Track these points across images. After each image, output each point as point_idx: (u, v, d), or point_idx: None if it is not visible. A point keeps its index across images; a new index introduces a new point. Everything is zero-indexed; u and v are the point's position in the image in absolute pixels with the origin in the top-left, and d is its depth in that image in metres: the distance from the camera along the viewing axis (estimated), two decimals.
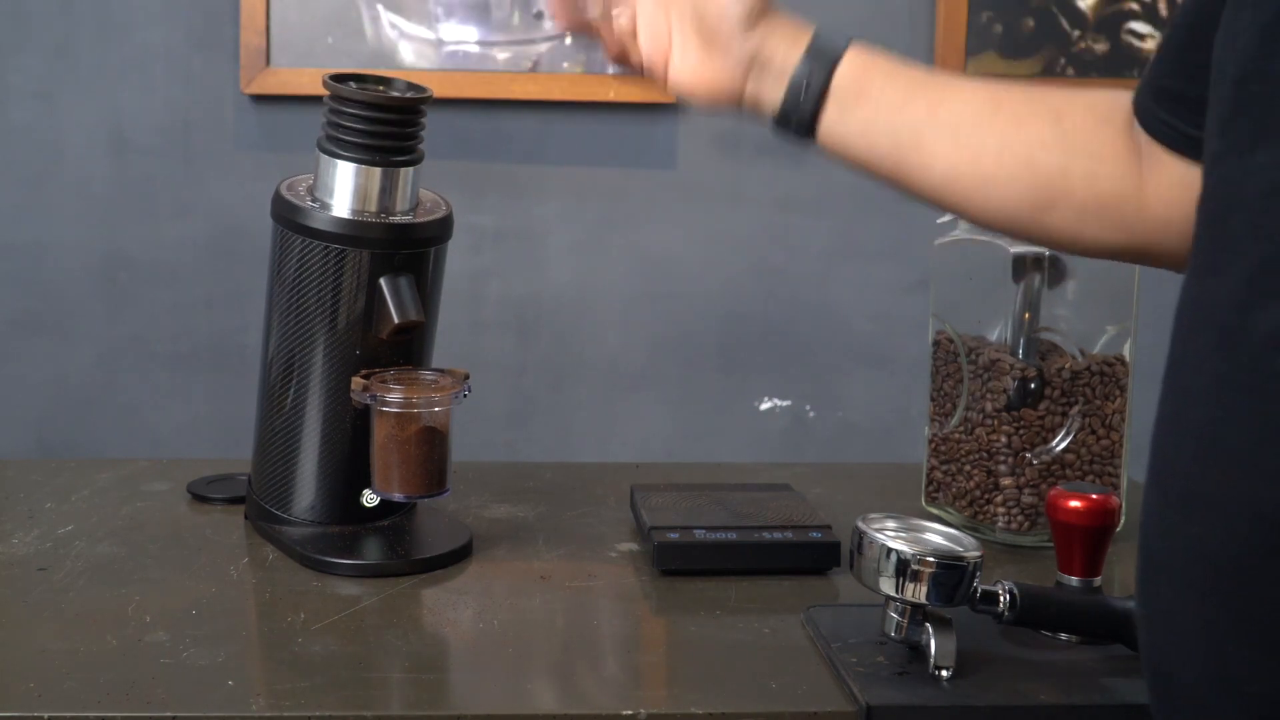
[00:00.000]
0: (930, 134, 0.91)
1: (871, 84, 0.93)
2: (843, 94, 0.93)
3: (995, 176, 0.91)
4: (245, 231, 2.20)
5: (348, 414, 1.10)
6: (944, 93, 0.93)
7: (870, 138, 0.93)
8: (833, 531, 1.10)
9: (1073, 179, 0.89)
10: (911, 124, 0.92)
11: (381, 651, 0.92)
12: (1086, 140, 0.90)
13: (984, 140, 0.91)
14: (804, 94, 0.93)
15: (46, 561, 1.08)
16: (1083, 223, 0.90)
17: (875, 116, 0.92)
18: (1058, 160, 0.90)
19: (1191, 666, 0.64)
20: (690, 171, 2.26)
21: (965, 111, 0.92)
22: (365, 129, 1.07)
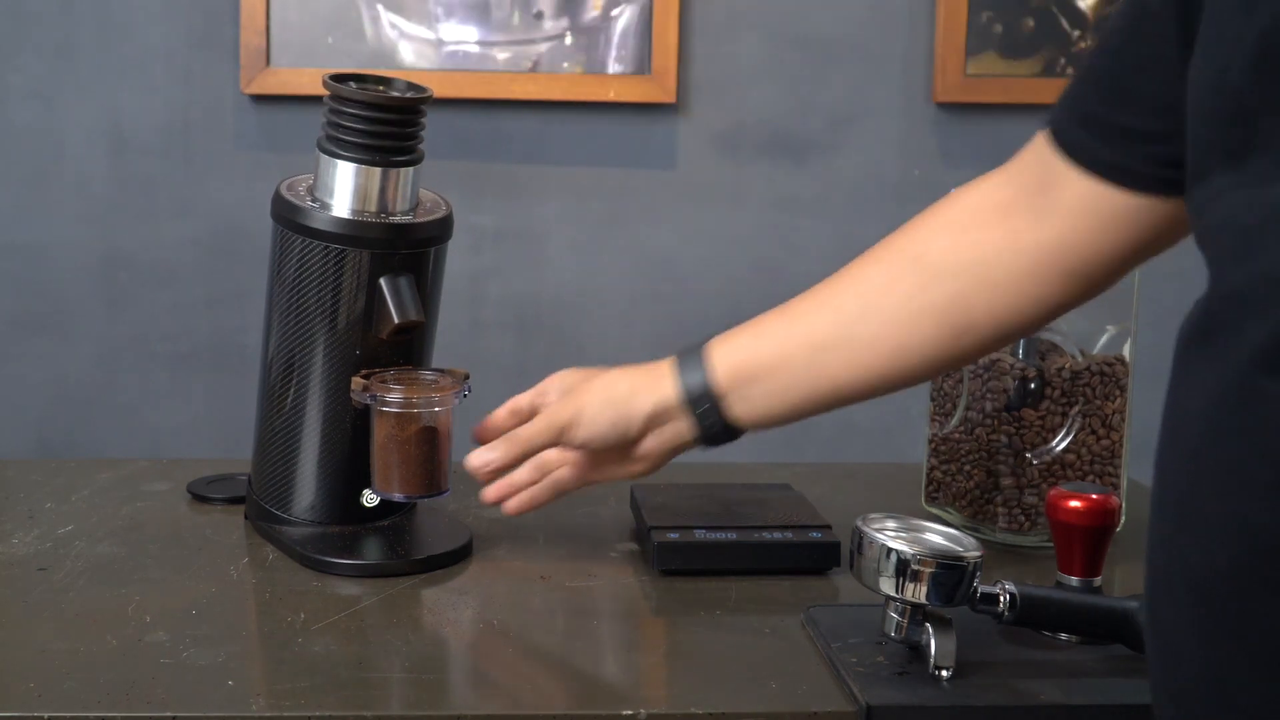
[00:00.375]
0: (825, 359, 0.97)
1: (747, 363, 0.99)
2: (733, 390, 0.99)
3: (901, 346, 0.95)
4: (245, 231, 2.20)
5: (348, 414, 1.10)
6: (812, 320, 0.98)
7: (781, 398, 0.99)
8: (833, 531, 1.10)
9: (968, 298, 0.93)
10: (805, 366, 0.97)
11: (381, 651, 0.92)
12: (957, 259, 0.93)
13: (872, 327, 0.95)
14: (708, 415, 1.00)
15: (46, 561, 1.08)
16: (1002, 319, 0.93)
17: (772, 384, 0.98)
18: (942, 293, 0.93)
19: (1192, 681, 0.64)
20: (690, 171, 2.26)
21: (835, 318, 0.97)
22: (365, 129, 1.07)
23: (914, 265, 0.94)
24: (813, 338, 0.97)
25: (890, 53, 2.25)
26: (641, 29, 2.19)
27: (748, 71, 2.25)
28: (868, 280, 0.97)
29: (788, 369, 0.98)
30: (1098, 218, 0.87)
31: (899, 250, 0.96)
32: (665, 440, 1.02)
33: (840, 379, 0.97)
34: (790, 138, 2.26)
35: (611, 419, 1.01)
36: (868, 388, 0.98)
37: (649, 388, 1.01)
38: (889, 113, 2.26)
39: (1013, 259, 0.91)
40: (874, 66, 2.25)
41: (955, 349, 0.95)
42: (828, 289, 0.99)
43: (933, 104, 2.26)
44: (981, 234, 0.93)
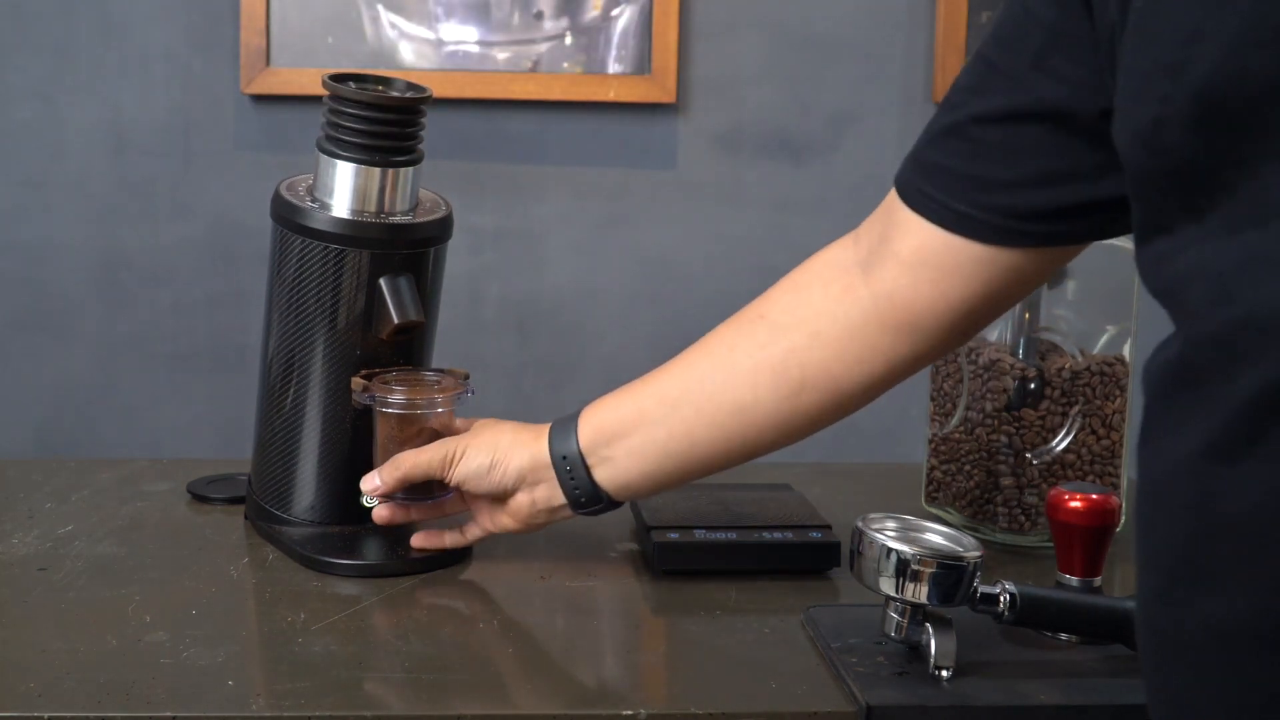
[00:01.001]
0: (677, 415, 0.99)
1: (607, 421, 1.01)
2: (595, 449, 1.01)
3: (742, 402, 0.97)
4: (245, 231, 2.20)
5: (348, 414, 1.10)
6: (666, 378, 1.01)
7: (639, 458, 1.00)
8: (833, 531, 1.10)
9: (800, 352, 0.95)
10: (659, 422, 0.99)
11: (381, 651, 0.92)
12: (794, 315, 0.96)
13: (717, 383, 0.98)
14: (570, 471, 1.01)
15: (46, 561, 1.08)
16: (836, 375, 0.95)
17: (629, 442, 1.00)
18: (778, 348, 0.96)
19: None
20: (690, 171, 2.26)
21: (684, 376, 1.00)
22: (365, 129, 1.07)
23: (758, 322, 0.97)
24: (665, 396, 1.00)
25: (890, 53, 2.25)
26: (641, 29, 2.19)
27: (748, 71, 2.25)
28: (720, 340, 1.00)
29: (644, 427, 1.00)
30: (932, 269, 0.89)
31: (748, 311, 0.99)
32: (538, 500, 1.03)
33: (693, 438, 0.99)
34: (790, 138, 2.26)
35: (486, 464, 1.02)
36: (719, 450, 0.99)
37: (526, 444, 1.03)
38: (888, 113, 2.26)
39: (844, 312, 0.93)
40: (874, 66, 2.26)
41: (795, 408, 0.96)
42: (689, 352, 1.02)
43: (933, 104, 2.26)
44: (821, 290, 0.95)
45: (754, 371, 0.96)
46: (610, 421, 1.01)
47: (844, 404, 0.97)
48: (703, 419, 0.98)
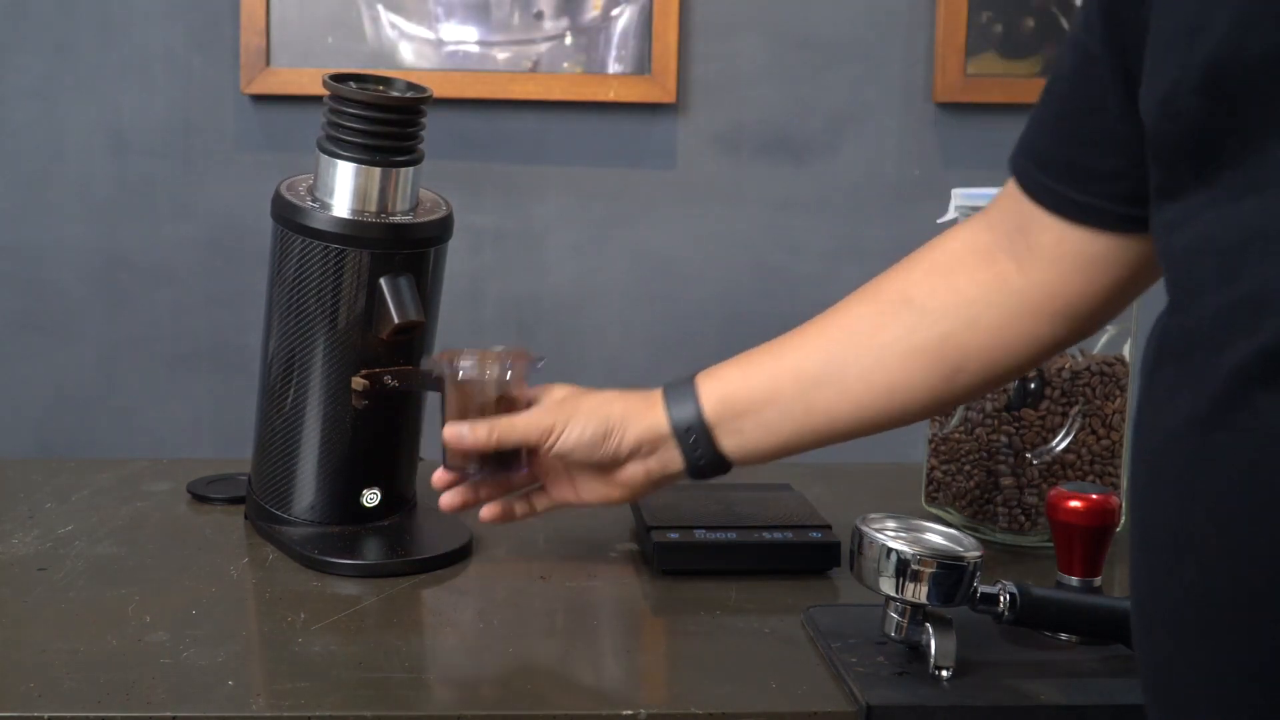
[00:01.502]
0: (816, 394, 0.98)
1: (737, 394, 1.00)
2: (725, 423, 1.00)
3: (893, 384, 0.96)
4: (245, 231, 2.20)
5: (348, 414, 1.10)
6: (801, 355, 0.99)
7: (772, 433, 0.99)
8: (833, 531, 1.10)
9: (957, 338, 0.94)
10: (796, 400, 0.98)
11: (381, 651, 0.92)
12: (945, 300, 0.94)
13: (863, 365, 0.96)
14: (694, 440, 1.00)
15: (46, 561, 1.08)
16: (992, 363, 0.94)
17: (761, 417, 0.99)
18: (932, 334, 0.94)
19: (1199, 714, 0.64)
20: (690, 171, 2.26)
21: (825, 355, 0.98)
22: (365, 129, 1.07)
23: (904, 306, 0.96)
24: (802, 373, 0.98)
25: (890, 53, 2.25)
26: (641, 29, 2.19)
27: (748, 71, 2.25)
28: (858, 319, 0.98)
29: (778, 403, 0.99)
30: (1076, 260, 0.88)
31: (887, 292, 0.98)
32: (651, 469, 1.02)
33: (833, 415, 0.98)
34: (790, 138, 2.26)
35: (600, 434, 1.01)
36: (860, 426, 0.99)
37: (640, 414, 1.01)
38: (889, 113, 2.26)
39: (1001, 301, 0.92)
40: (874, 66, 2.25)
41: (948, 390, 0.96)
42: (816, 327, 1.00)
43: (932, 104, 2.26)
44: (968, 276, 0.94)
45: (907, 356, 0.95)
46: (740, 394, 1.00)
47: (995, 383, 0.98)
48: (847, 399, 0.97)
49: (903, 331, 0.95)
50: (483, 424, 1.03)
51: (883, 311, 0.97)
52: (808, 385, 0.98)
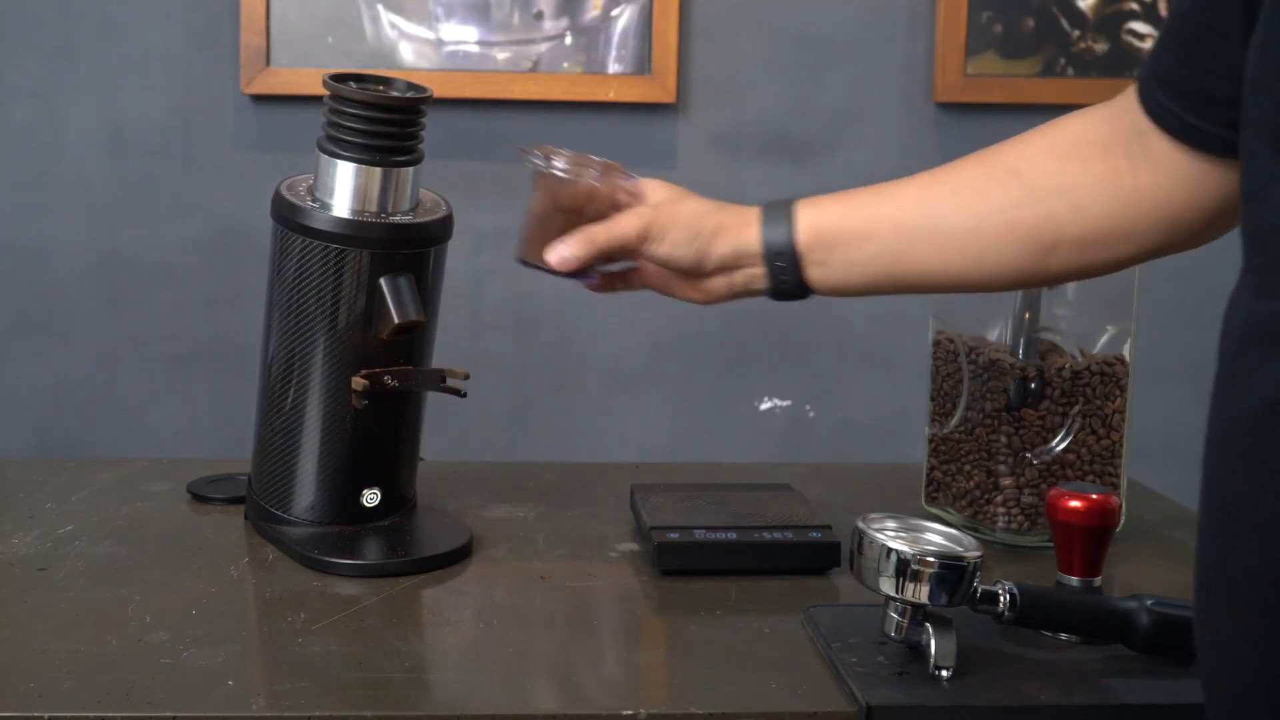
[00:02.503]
0: (908, 242, 0.97)
1: (831, 228, 0.99)
2: (813, 251, 0.99)
3: (985, 250, 0.96)
4: (245, 231, 2.20)
5: (348, 414, 1.10)
6: (899, 200, 0.98)
7: (858, 272, 0.99)
8: (833, 531, 1.10)
9: (1059, 221, 0.93)
10: (887, 244, 0.98)
11: (381, 651, 0.92)
12: (1055, 182, 0.94)
13: (956, 223, 0.96)
14: (782, 265, 1.00)
15: (46, 561, 1.08)
16: (1086, 251, 0.94)
17: (851, 254, 0.99)
18: (1035, 210, 0.94)
19: (1253, 689, 0.64)
20: (690, 171, 2.26)
21: (925, 208, 0.97)
22: (365, 129, 1.07)
23: (1012, 178, 0.95)
24: (900, 220, 0.98)
25: (890, 53, 2.25)
26: (641, 29, 2.19)
27: (748, 71, 2.25)
28: (964, 180, 0.97)
29: (870, 243, 0.98)
30: (1181, 175, 0.88)
31: (998, 160, 0.97)
32: (735, 283, 1.02)
33: (922, 266, 0.98)
34: (790, 138, 2.26)
35: (692, 248, 1.01)
36: (943, 283, 0.99)
37: (734, 230, 1.01)
38: (889, 113, 2.26)
39: (1110, 196, 0.92)
40: (874, 66, 2.25)
41: (1036, 269, 0.96)
42: (921, 179, 0.99)
43: (933, 104, 2.26)
44: (1081, 164, 0.93)
45: (1005, 228, 0.95)
46: (834, 227, 0.99)
47: (1087, 272, 0.97)
48: (936, 253, 0.97)
49: (1007, 202, 0.95)
50: (579, 239, 1.04)
51: (991, 178, 0.96)
52: (903, 233, 0.97)
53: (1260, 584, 0.63)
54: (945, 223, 0.97)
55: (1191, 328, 2.31)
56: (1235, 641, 0.65)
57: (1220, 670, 0.66)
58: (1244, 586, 0.64)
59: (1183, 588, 1.06)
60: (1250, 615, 0.63)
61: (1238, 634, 0.65)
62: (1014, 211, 0.94)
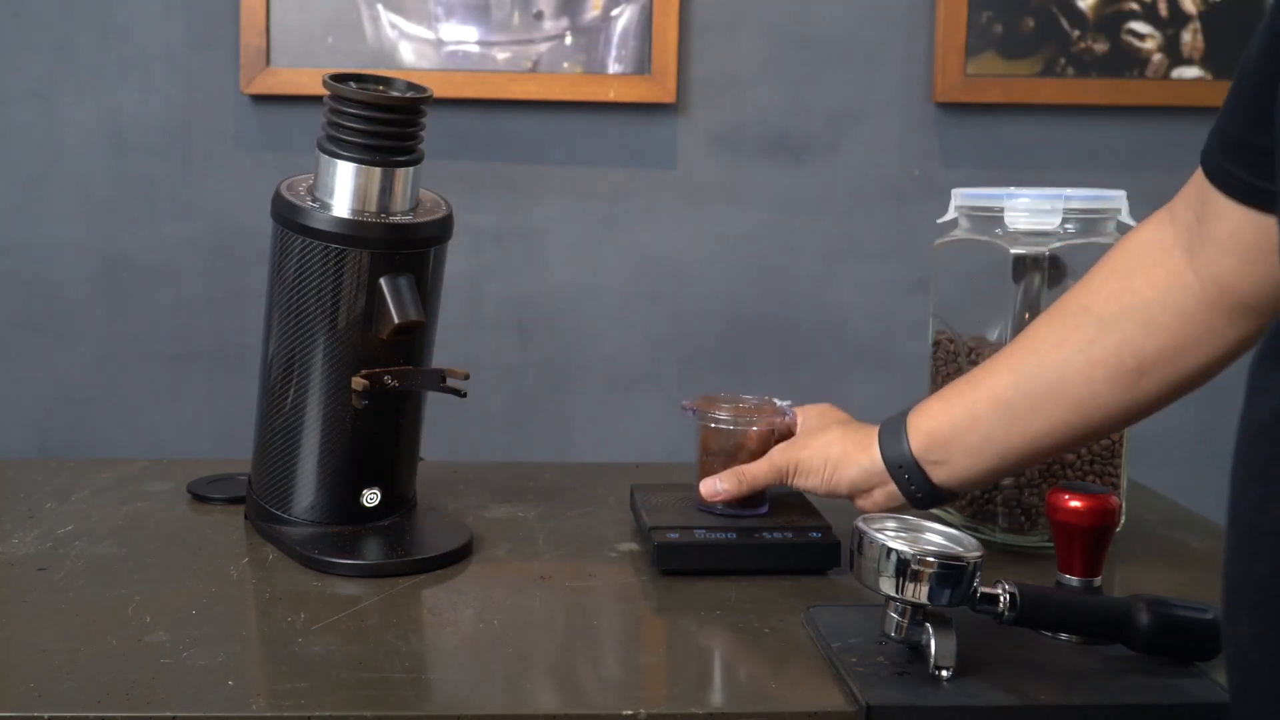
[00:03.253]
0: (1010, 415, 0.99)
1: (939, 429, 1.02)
2: (931, 454, 1.03)
3: (1080, 397, 0.96)
4: (245, 231, 2.20)
5: (348, 414, 1.10)
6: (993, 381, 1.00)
7: (978, 459, 1.01)
8: (833, 531, 1.10)
9: (1135, 342, 0.93)
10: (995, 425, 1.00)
11: (381, 651, 0.92)
12: (1121, 304, 0.94)
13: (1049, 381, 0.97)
14: (909, 477, 1.04)
15: (46, 561, 1.08)
16: (1175, 364, 0.93)
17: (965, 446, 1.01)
18: (1110, 341, 0.94)
19: (1265, 693, 0.64)
20: (690, 171, 2.26)
21: (1014, 378, 0.99)
22: (365, 129, 1.07)
23: (1083, 317, 0.95)
24: (996, 397, 0.99)
25: (890, 53, 2.25)
26: (641, 29, 2.19)
27: (748, 71, 2.25)
28: (1042, 338, 0.98)
29: (977, 430, 1.00)
30: (1252, 250, 0.87)
31: (1069, 304, 0.98)
32: (877, 501, 1.07)
33: (1031, 435, 0.99)
34: (790, 138, 2.26)
35: (821, 478, 1.08)
36: (1059, 443, 0.99)
37: (855, 456, 1.06)
38: (889, 113, 2.26)
39: (1175, 298, 0.91)
40: (874, 66, 2.26)
41: (1133, 399, 0.95)
42: (1006, 352, 1.01)
43: (933, 104, 2.26)
44: (1144, 276, 0.93)
45: (1088, 367, 0.95)
46: (942, 428, 1.02)
47: (1184, 386, 0.95)
48: (1039, 418, 0.98)
49: (1083, 343, 0.95)
50: (730, 478, 1.12)
51: (1065, 325, 0.97)
52: (1003, 409, 0.99)
53: (1271, 597, 0.63)
54: (1036, 384, 0.97)
55: None
56: (1253, 655, 0.65)
57: (1242, 683, 0.66)
58: (1258, 600, 0.64)
59: (1183, 588, 1.07)
60: (1263, 629, 0.63)
61: (1255, 645, 0.65)
62: (1091, 349, 0.94)
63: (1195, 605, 0.92)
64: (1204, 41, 2.25)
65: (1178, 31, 2.25)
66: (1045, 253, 1.16)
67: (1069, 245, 1.17)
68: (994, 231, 1.19)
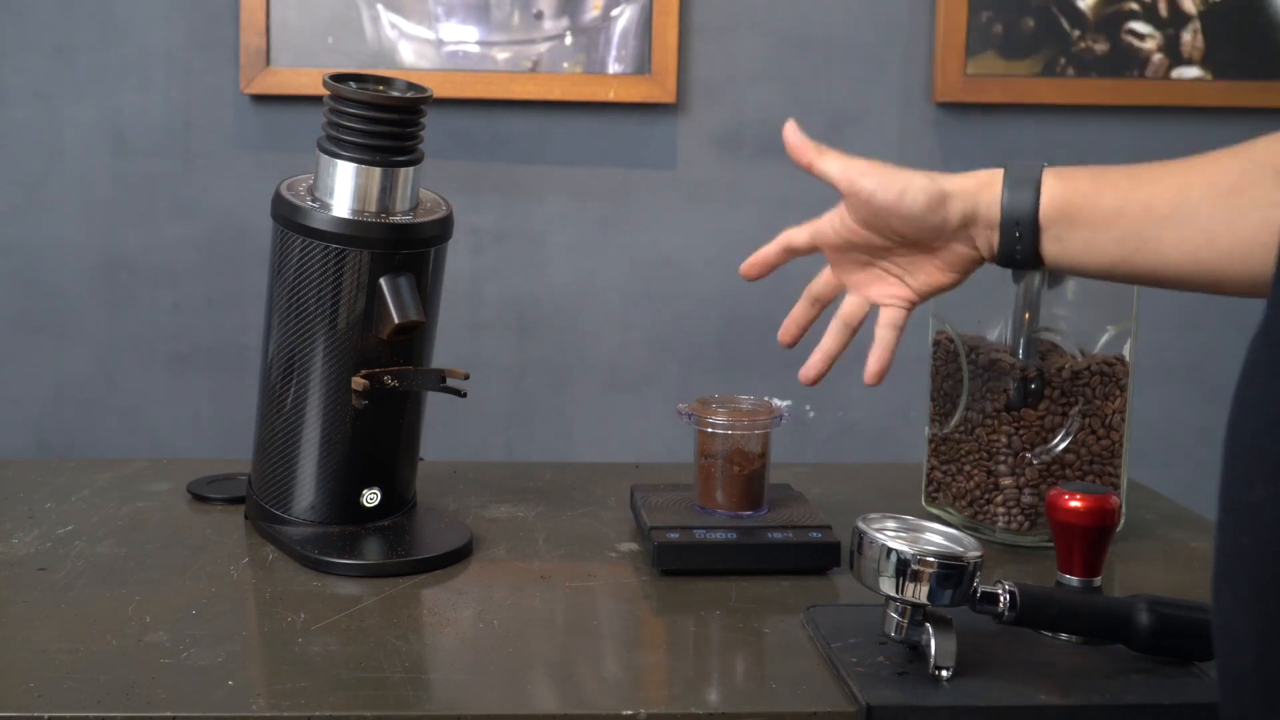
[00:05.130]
0: (1155, 231, 0.92)
1: (1079, 205, 0.94)
2: (1054, 225, 0.95)
3: (1234, 249, 0.90)
4: (245, 231, 2.20)
5: (348, 414, 1.10)
6: (1153, 187, 0.92)
7: (1096, 252, 0.94)
8: (833, 531, 1.10)
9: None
10: (1133, 230, 0.92)
11: (381, 651, 0.92)
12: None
13: (1210, 219, 0.90)
14: (1019, 237, 0.96)
15: (46, 561, 1.08)
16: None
17: (1094, 235, 0.94)
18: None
19: (1251, 676, 0.64)
20: (690, 171, 2.26)
21: (1180, 197, 0.91)
22: (365, 129, 1.07)
23: (1273, 176, 0.88)
24: (1151, 206, 0.92)
25: (890, 53, 2.25)
26: (641, 29, 2.19)
27: (748, 71, 2.25)
28: (1223, 172, 0.91)
29: (1116, 227, 0.93)
30: None
31: (1259, 156, 0.90)
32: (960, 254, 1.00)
33: (1164, 257, 0.92)
34: None
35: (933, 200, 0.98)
36: (1182, 276, 0.92)
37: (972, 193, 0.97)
38: (889, 113, 2.26)
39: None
40: (874, 66, 2.26)
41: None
42: (1176, 166, 0.93)
43: (933, 104, 2.26)
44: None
45: (1261, 228, 0.88)
46: (1083, 206, 0.94)
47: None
48: (1183, 245, 0.91)
49: (1263, 199, 0.88)
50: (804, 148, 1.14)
51: (1251, 172, 0.89)
52: (1152, 220, 0.92)
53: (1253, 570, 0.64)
54: (1198, 214, 0.90)
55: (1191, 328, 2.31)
56: (1237, 629, 0.66)
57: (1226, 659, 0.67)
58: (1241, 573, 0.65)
59: (1183, 588, 1.07)
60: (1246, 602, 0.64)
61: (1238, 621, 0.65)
62: (1270, 211, 0.88)
63: (1195, 605, 0.92)
64: (1204, 41, 2.25)
65: (1178, 31, 2.25)
66: None
67: None
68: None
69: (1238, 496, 0.65)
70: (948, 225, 0.98)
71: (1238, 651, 0.65)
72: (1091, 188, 0.95)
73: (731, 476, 1.14)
